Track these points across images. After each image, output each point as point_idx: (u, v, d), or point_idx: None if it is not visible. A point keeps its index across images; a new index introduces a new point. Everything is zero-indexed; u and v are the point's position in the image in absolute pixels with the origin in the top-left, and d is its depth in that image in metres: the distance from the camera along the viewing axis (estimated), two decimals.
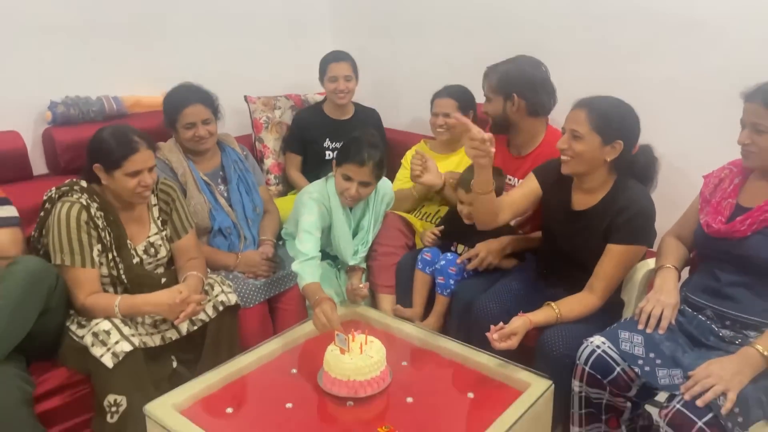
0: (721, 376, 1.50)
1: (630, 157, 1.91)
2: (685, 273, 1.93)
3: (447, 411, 1.72)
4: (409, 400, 1.73)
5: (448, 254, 2.25)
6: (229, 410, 1.70)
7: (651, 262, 1.99)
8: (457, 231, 2.33)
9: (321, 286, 2.07)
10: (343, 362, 1.71)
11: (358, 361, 1.71)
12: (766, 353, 1.54)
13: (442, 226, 2.38)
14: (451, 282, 2.21)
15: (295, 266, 2.10)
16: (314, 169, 2.81)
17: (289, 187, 3.03)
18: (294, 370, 1.88)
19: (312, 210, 2.21)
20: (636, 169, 1.93)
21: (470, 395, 1.75)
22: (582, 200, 1.99)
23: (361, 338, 1.80)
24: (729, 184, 1.79)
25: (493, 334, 1.77)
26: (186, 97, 2.32)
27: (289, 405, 1.71)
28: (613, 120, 1.84)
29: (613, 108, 1.87)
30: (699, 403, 1.47)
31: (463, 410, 1.71)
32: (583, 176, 1.94)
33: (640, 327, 1.73)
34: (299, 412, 1.69)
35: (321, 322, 1.91)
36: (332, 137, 2.91)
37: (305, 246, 2.13)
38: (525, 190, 2.10)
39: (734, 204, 1.74)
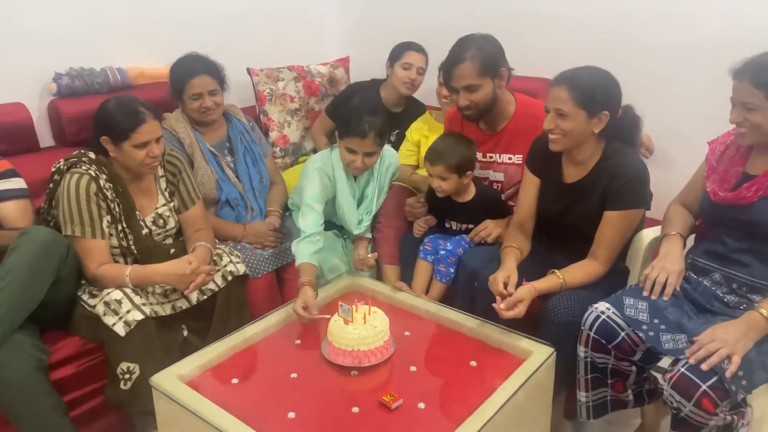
0: (725, 340, 1.52)
1: (615, 122, 1.89)
2: (690, 241, 1.94)
3: (450, 379, 1.74)
4: (413, 369, 1.74)
5: (448, 243, 2.23)
6: (235, 381, 1.72)
7: (656, 230, 2.00)
8: (442, 206, 2.32)
9: (313, 265, 2.07)
10: (347, 332, 1.72)
11: (361, 330, 1.72)
12: None
13: (429, 217, 2.36)
14: (451, 271, 2.20)
15: (294, 244, 2.13)
16: None
17: (295, 158, 3.02)
18: (298, 341, 1.89)
19: (314, 182, 2.21)
20: (622, 131, 1.92)
21: (473, 363, 1.76)
22: (573, 172, 1.98)
23: (365, 309, 1.80)
24: (735, 152, 1.79)
25: (500, 304, 1.79)
26: (192, 68, 2.31)
27: (293, 375, 1.73)
28: (596, 93, 1.82)
29: (594, 80, 1.84)
30: (704, 366, 1.50)
31: (466, 378, 1.72)
32: (572, 150, 1.93)
33: (645, 294, 1.75)
34: (304, 382, 1.71)
35: (299, 312, 1.91)
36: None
37: (306, 221, 2.15)
38: (527, 186, 2.10)
39: (741, 172, 1.75)
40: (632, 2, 2.47)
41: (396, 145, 2.74)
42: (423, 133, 2.70)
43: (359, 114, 2.12)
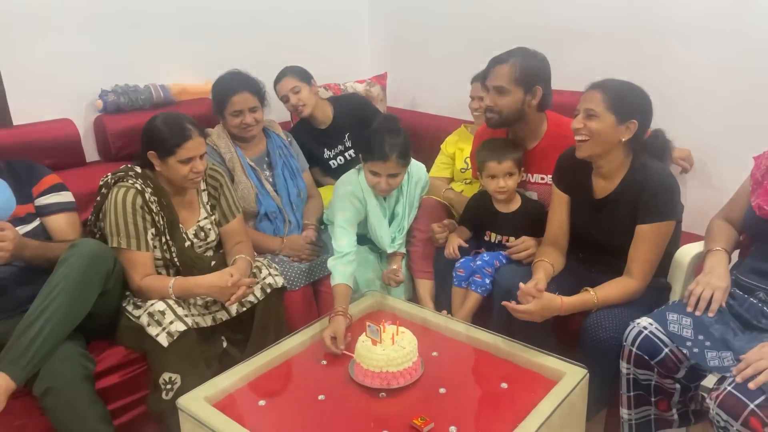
0: None
1: (643, 141, 1.90)
2: (735, 256, 1.91)
3: (481, 402, 1.72)
4: (442, 390, 1.71)
5: (485, 254, 2.22)
6: (262, 402, 1.71)
7: (699, 246, 1.97)
8: (483, 218, 2.31)
9: (348, 288, 2.08)
10: (375, 353, 1.70)
11: (390, 352, 1.70)
12: None
13: (462, 240, 2.29)
14: (487, 282, 2.17)
15: (329, 262, 2.14)
16: (335, 177, 2.62)
17: None
18: (324, 362, 1.88)
19: (346, 206, 2.23)
20: (650, 152, 1.92)
21: (504, 386, 1.73)
22: (603, 187, 1.97)
23: (392, 329, 1.78)
24: None
25: (512, 302, 1.80)
26: (234, 85, 2.36)
27: (321, 397, 1.71)
28: (626, 99, 1.84)
29: (627, 88, 1.87)
30: (751, 386, 1.47)
31: (498, 401, 1.69)
32: (598, 159, 1.92)
33: (689, 310, 1.72)
34: (332, 404, 1.69)
35: (327, 343, 1.89)
36: (328, 146, 2.81)
37: (340, 242, 2.17)
38: (557, 204, 2.09)
39: None
40: (668, 18, 2.45)
41: (355, 147, 2.71)
42: (458, 146, 2.72)
43: (380, 136, 2.11)
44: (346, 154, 2.82)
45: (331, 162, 2.83)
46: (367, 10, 3.51)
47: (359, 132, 2.69)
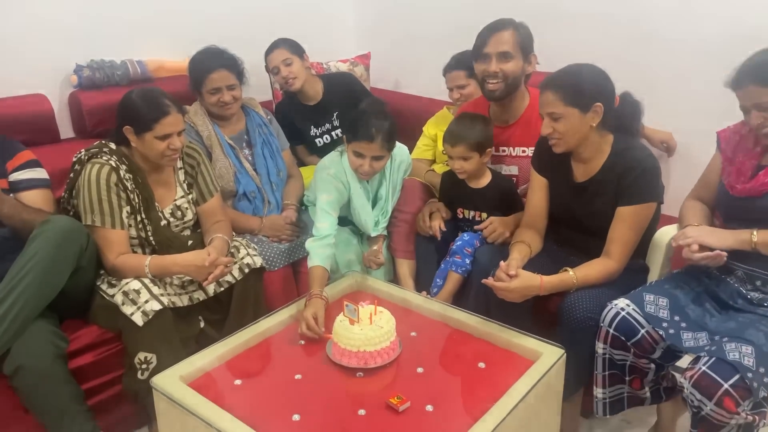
0: None
1: (613, 111, 1.87)
2: None
3: (458, 381, 1.72)
4: (420, 370, 1.71)
5: (465, 234, 2.22)
6: (238, 382, 1.69)
7: (676, 228, 1.98)
8: (455, 194, 2.31)
9: (325, 271, 2.05)
10: (353, 333, 1.69)
11: (368, 331, 1.69)
12: None
13: (439, 222, 2.29)
14: (467, 262, 2.17)
15: (308, 244, 2.11)
16: (320, 155, 2.55)
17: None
18: (302, 342, 1.85)
19: (329, 188, 2.21)
20: (623, 119, 1.91)
21: (481, 365, 1.72)
22: (583, 171, 1.97)
23: (371, 308, 1.77)
24: (754, 145, 1.76)
25: (489, 279, 1.81)
26: (211, 62, 2.31)
27: (298, 376, 1.70)
28: (582, 87, 1.81)
29: (578, 75, 1.83)
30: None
31: (475, 380, 1.69)
32: (577, 148, 1.92)
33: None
34: (309, 383, 1.68)
35: (306, 324, 1.84)
36: (315, 123, 2.78)
37: (321, 224, 2.14)
38: (536, 187, 2.09)
39: (755, 164, 1.73)
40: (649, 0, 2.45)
41: (342, 127, 2.69)
42: (440, 128, 2.68)
43: (366, 117, 2.09)
44: (333, 133, 2.80)
45: (317, 140, 2.80)
46: None
47: (348, 111, 2.62)
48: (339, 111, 2.78)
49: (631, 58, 2.45)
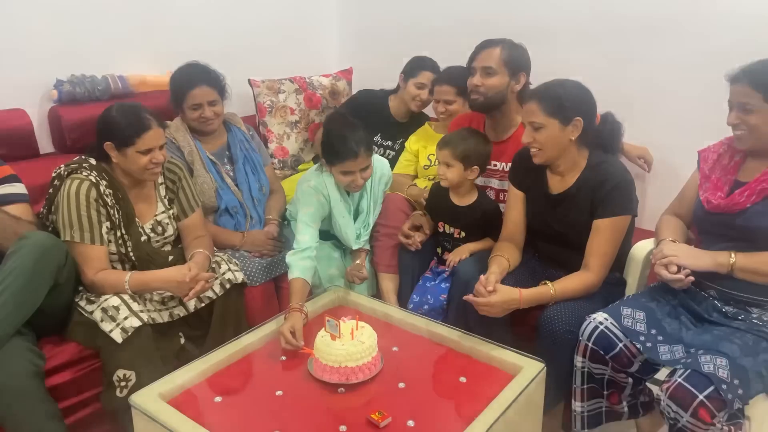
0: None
1: (594, 129, 1.93)
2: None
3: (439, 396, 1.72)
4: (401, 385, 1.71)
5: (429, 296, 2.23)
6: (218, 399, 1.68)
7: (652, 242, 2.01)
8: (439, 207, 2.33)
9: (306, 283, 2.05)
10: (334, 348, 1.69)
11: (349, 346, 1.69)
12: None
13: (420, 234, 2.35)
14: (432, 301, 2.21)
15: (288, 257, 2.11)
16: None
17: (294, 170, 3.03)
18: (283, 357, 1.85)
19: (310, 201, 2.21)
20: (603, 138, 1.96)
21: (462, 380, 1.74)
22: (558, 183, 2.00)
23: (352, 324, 1.77)
24: (729, 161, 1.80)
25: (470, 295, 1.82)
26: (192, 78, 2.31)
27: (279, 392, 1.69)
28: (564, 100, 1.87)
29: (561, 89, 1.89)
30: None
31: (456, 395, 1.70)
32: (555, 160, 1.96)
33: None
34: (290, 399, 1.67)
35: (287, 337, 1.85)
36: (384, 136, 2.86)
37: (303, 237, 2.15)
38: (513, 201, 2.13)
39: (733, 180, 1.77)
40: (629, 18, 2.50)
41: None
42: (422, 144, 2.72)
43: (342, 136, 2.11)
44: (386, 151, 2.86)
45: (375, 147, 2.80)
46: (335, 4, 3.48)
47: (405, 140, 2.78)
48: (403, 140, 2.81)
49: (609, 75, 2.50)
